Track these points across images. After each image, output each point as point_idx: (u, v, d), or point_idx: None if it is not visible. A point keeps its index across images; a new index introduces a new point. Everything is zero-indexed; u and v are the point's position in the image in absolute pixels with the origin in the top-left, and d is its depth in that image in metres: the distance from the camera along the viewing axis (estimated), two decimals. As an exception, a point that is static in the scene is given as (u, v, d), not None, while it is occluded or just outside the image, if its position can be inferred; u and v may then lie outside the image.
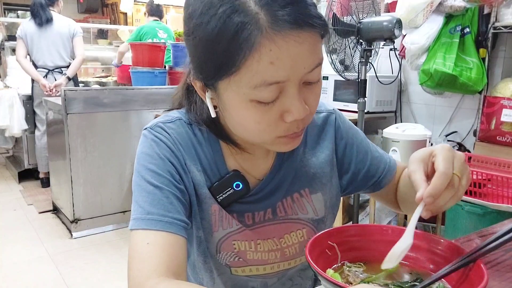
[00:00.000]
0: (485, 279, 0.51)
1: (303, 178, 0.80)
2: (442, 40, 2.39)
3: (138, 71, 3.22)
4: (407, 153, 2.23)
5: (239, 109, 0.61)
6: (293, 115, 0.60)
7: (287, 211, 0.79)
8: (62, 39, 3.67)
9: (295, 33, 0.55)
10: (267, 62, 0.55)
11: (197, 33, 0.59)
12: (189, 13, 0.61)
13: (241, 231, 0.75)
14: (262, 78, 0.56)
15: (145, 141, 0.74)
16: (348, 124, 0.88)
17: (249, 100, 0.59)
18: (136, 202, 0.69)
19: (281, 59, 0.55)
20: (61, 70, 3.73)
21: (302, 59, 0.57)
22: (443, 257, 0.62)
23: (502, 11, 2.24)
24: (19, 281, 2.36)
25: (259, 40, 0.54)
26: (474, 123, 2.55)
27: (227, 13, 0.55)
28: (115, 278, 2.41)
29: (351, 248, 0.65)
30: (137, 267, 0.62)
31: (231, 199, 0.75)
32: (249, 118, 0.61)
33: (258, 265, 0.78)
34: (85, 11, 7.36)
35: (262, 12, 0.54)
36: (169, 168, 0.70)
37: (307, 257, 0.56)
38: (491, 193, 1.81)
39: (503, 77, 2.40)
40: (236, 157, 0.76)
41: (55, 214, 3.30)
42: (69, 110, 2.77)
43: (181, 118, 0.77)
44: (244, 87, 0.58)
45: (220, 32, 0.55)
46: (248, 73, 0.56)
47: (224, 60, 0.57)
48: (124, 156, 3.03)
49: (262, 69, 0.55)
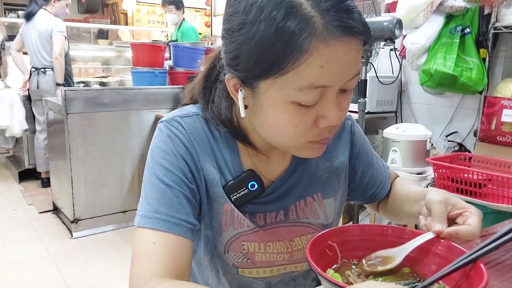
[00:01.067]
0: (485, 279, 0.51)
1: (317, 182, 0.80)
2: (443, 40, 2.39)
3: (138, 71, 3.22)
4: (407, 153, 2.23)
5: (278, 110, 0.60)
6: (328, 120, 0.60)
7: (299, 214, 0.78)
8: (41, 38, 3.60)
9: (347, 40, 0.55)
10: (318, 65, 0.55)
11: (245, 32, 0.58)
12: (236, 10, 0.60)
13: (252, 232, 0.75)
14: (309, 80, 0.56)
15: (160, 135, 0.72)
16: (361, 132, 0.89)
17: (290, 102, 0.59)
18: (145, 198, 0.68)
19: (331, 64, 0.55)
20: (45, 70, 3.66)
21: (348, 66, 0.58)
22: (443, 257, 0.62)
23: (503, 11, 2.24)
24: (19, 281, 2.36)
25: (313, 43, 0.54)
26: (475, 123, 2.54)
27: (284, 15, 0.54)
28: (115, 278, 2.41)
29: (351, 248, 0.65)
30: (140, 266, 0.62)
31: (245, 199, 0.74)
32: (287, 120, 0.61)
33: (265, 267, 0.77)
34: (85, 11, 7.37)
35: (318, 16, 0.54)
36: (182, 166, 0.69)
37: (307, 257, 0.56)
38: (491, 193, 1.81)
39: (503, 77, 2.40)
40: (251, 157, 0.76)
41: (55, 214, 3.30)
42: (69, 110, 2.77)
43: (198, 113, 0.75)
44: (288, 88, 0.57)
45: (274, 34, 0.55)
46: (296, 74, 0.56)
47: (275, 61, 0.56)
48: (124, 156, 3.03)
49: (311, 72, 0.55)
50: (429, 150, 2.28)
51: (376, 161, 0.90)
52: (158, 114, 3.10)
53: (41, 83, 3.68)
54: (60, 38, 3.59)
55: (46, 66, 3.66)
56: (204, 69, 0.77)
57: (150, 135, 3.11)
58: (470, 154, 2.27)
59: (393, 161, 2.25)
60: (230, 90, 0.66)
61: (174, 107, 3.16)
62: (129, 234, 3.01)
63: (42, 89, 3.68)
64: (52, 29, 3.57)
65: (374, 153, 0.91)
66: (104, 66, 5.19)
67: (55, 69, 3.60)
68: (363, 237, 0.66)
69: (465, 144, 2.59)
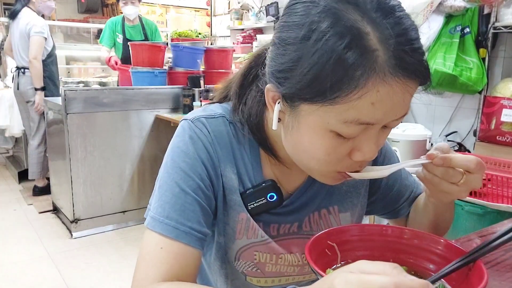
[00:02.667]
0: (485, 279, 0.51)
1: (335, 195, 0.79)
2: (442, 40, 2.39)
3: (138, 71, 3.22)
4: (407, 153, 2.24)
5: (315, 135, 0.57)
6: (364, 155, 0.58)
7: (312, 227, 0.77)
8: (21, 38, 3.43)
9: (405, 81, 0.52)
10: (369, 102, 0.51)
11: (302, 48, 0.53)
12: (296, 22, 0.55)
13: (265, 243, 0.74)
14: (356, 115, 0.52)
15: (183, 134, 0.69)
16: (387, 144, 0.85)
17: (329, 130, 0.56)
18: (158, 199, 0.66)
19: (382, 103, 0.52)
20: (24, 70, 3.49)
21: (398, 107, 0.54)
22: (443, 257, 0.62)
23: (502, 11, 2.24)
24: (19, 281, 2.36)
25: (371, 79, 0.50)
26: (474, 123, 2.55)
27: (347, 42, 0.50)
28: (115, 278, 2.41)
29: (351, 248, 0.65)
30: (144, 270, 0.62)
31: (261, 209, 0.72)
32: (321, 148, 0.58)
33: (274, 277, 0.77)
34: (85, 11, 7.36)
35: (382, 50, 0.50)
36: (201, 171, 0.67)
37: (307, 257, 0.56)
38: (491, 193, 1.81)
39: (503, 77, 2.40)
40: (273, 167, 0.74)
41: (55, 214, 3.30)
42: (69, 110, 2.77)
43: (224, 115, 0.72)
44: (332, 118, 0.54)
45: (334, 61, 0.50)
46: (344, 106, 0.52)
47: (326, 89, 0.52)
48: (124, 156, 3.03)
49: (360, 108, 0.52)
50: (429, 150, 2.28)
51: (406, 177, 0.86)
52: (157, 114, 3.10)
53: (20, 84, 3.52)
54: (36, 40, 3.36)
55: (25, 67, 3.47)
56: (243, 67, 0.73)
57: (149, 135, 3.11)
58: (470, 154, 2.27)
59: (393, 161, 2.25)
60: (267, 99, 0.62)
61: (173, 107, 3.17)
62: (129, 234, 3.01)
63: (21, 91, 3.54)
64: (30, 29, 3.37)
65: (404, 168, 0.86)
66: (103, 66, 5.19)
67: (31, 73, 3.41)
68: (362, 237, 0.66)
69: (464, 144, 2.59)
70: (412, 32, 0.53)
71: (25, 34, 3.40)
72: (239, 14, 5.09)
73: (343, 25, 0.51)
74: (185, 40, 4.90)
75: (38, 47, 3.37)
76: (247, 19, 5.03)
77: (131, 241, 2.90)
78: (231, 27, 5.30)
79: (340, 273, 0.43)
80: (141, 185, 3.12)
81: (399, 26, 0.52)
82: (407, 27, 0.53)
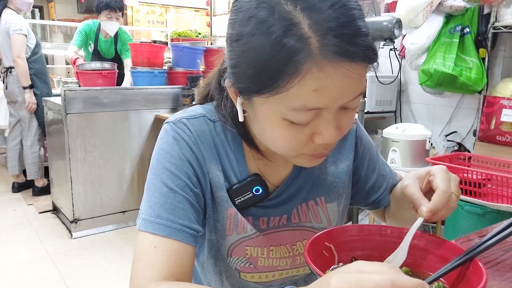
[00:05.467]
0: (484, 278, 0.51)
1: (321, 186, 0.80)
2: (442, 40, 2.39)
3: (138, 71, 3.22)
4: (407, 153, 2.24)
5: (271, 124, 0.60)
6: (324, 138, 0.58)
7: (301, 218, 0.78)
8: (4, 38, 3.42)
9: (346, 65, 0.52)
10: (311, 88, 0.53)
11: (243, 43, 0.56)
12: (238, 19, 0.57)
13: (255, 236, 0.75)
14: (303, 103, 0.54)
15: (166, 137, 0.71)
16: (366, 135, 0.87)
17: (282, 118, 0.57)
18: (147, 201, 0.67)
19: (326, 88, 0.53)
20: (10, 70, 3.46)
21: (347, 90, 0.55)
22: (442, 257, 0.62)
23: (502, 11, 2.24)
24: (19, 281, 2.36)
25: (308, 65, 0.51)
26: (474, 123, 2.55)
27: (279, 34, 0.51)
28: (115, 278, 2.41)
29: (350, 249, 0.65)
30: (141, 270, 0.62)
31: (249, 203, 0.73)
32: (281, 136, 0.60)
33: (267, 271, 0.77)
34: (85, 11, 7.36)
35: (315, 37, 0.51)
36: (187, 170, 0.68)
37: (306, 258, 0.56)
38: (491, 193, 1.81)
39: (503, 77, 2.40)
40: (257, 161, 0.75)
41: (55, 214, 3.30)
42: (68, 110, 2.77)
43: (205, 115, 0.73)
44: (282, 107, 0.56)
45: (268, 52, 0.52)
46: (289, 95, 0.54)
47: (268, 80, 0.54)
48: (124, 156, 3.03)
49: (304, 94, 0.53)
50: (429, 150, 2.28)
51: (383, 167, 0.88)
52: (157, 114, 3.10)
53: (8, 84, 3.52)
54: (16, 38, 3.33)
55: (12, 66, 3.45)
56: (219, 63, 0.75)
57: (149, 135, 3.11)
58: (470, 153, 2.27)
59: (393, 161, 2.26)
60: (230, 94, 0.66)
61: (173, 107, 3.17)
62: (129, 234, 3.01)
63: (9, 90, 3.53)
64: (9, 28, 3.34)
65: (380, 158, 0.89)
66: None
67: (16, 72, 3.40)
68: (361, 237, 0.66)
69: (464, 144, 2.59)
70: (346, 16, 0.52)
71: (5, 34, 3.38)
72: (239, 14, 5.08)
73: (277, 16, 0.52)
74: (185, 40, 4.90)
75: (20, 45, 3.34)
76: (247, 19, 5.02)
77: (131, 241, 2.91)
78: (231, 27, 5.29)
79: (337, 273, 0.43)
80: (141, 185, 3.12)
81: (331, 11, 0.52)
82: (340, 11, 0.52)
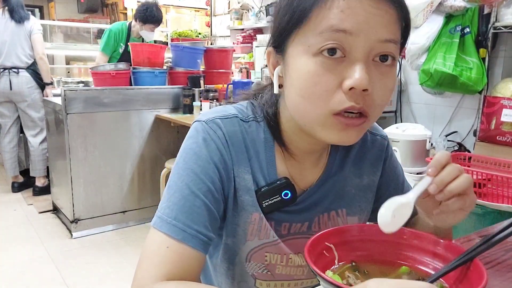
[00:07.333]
0: (485, 278, 0.51)
1: (344, 197, 0.78)
2: (442, 40, 2.39)
3: (138, 71, 3.22)
4: (407, 153, 2.24)
5: (300, 66, 0.60)
6: (354, 81, 0.57)
7: (321, 228, 0.77)
8: (16, 38, 3.49)
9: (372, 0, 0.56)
10: (338, 9, 0.56)
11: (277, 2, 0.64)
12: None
13: (276, 243, 0.74)
14: (329, 23, 0.57)
15: (196, 136, 0.69)
16: (394, 155, 0.86)
17: (312, 55, 0.59)
18: (167, 200, 0.66)
19: (352, 9, 0.56)
20: (18, 71, 3.55)
21: (375, 22, 0.57)
22: (442, 257, 0.62)
23: (502, 11, 2.24)
24: (19, 281, 2.36)
25: None
26: (474, 123, 2.55)
27: None
28: (115, 278, 2.41)
29: (350, 249, 0.65)
30: (147, 268, 0.61)
31: (275, 207, 0.72)
32: (308, 78, 0.59)
33: (283, 280, 0.77)
34: (85, 11, 7.36)
35: None
36: (213, 174, 0.67)
37: (306, 258, 0.56)
38: (491, 193, 1.81)
39: (503, 77, 2.40)
40: (286, 163, 0.74)
41: (55, 214, 3.30)
42: (69, 110, 2.77)
43: (237, 115, 0.72)
44: (310, 37, 0.59)
45: None
46: (317, 19, 0.58)
47: (296, 9, 0.59)
48: (124, 156, 3.03)
49: (331, 15, 0.56)
50: (429, 149, 2.28)
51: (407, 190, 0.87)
52: (158, 114, 3.10)
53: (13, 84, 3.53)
54: (39, 38, 3.58)
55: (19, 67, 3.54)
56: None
57: (150, 135, 3.11)
58: (470, 154, 2.27)
59: (393, 161, 2.25)
60: (268, 64, 0.68)
61: (174, 107, 3.17)
62: (129, 234, 3.01)
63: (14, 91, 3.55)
64: (32, 27, 3.52)
65: (405, 179, 0.88)
66: (103, 66, 5.18)
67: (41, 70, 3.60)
68: (362, 237, 0.66)
69: (464, 144, 2.59)
70: None
71: (26, 34, 3.52)
72: (239, 14, 5.08)
73: None
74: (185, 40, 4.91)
75: (42, 44, 3.62)
76: (247, 19, 5.02)
77: (131, 241, 2.91)
78: (231, 27, 5.29)
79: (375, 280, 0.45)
80: (141, 185, 3.12)
81: None
82: None
